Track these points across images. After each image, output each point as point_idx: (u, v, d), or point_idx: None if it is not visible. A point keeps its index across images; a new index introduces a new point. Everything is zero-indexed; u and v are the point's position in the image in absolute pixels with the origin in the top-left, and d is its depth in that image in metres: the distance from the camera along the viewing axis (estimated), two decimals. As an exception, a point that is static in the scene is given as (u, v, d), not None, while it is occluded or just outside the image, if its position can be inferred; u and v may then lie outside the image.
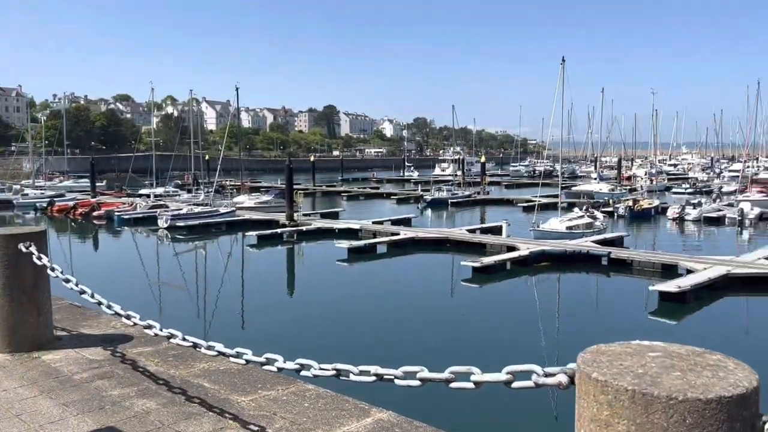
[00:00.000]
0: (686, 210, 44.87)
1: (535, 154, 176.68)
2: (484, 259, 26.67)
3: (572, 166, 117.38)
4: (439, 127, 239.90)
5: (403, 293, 24.62)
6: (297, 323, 20.15)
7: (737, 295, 23.01)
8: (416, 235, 33.81)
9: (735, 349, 17.61)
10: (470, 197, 60.29)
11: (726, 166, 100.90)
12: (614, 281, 26.69)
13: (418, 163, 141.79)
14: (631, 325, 20.40)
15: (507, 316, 21.35)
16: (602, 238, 32.50)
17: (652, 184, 73.50)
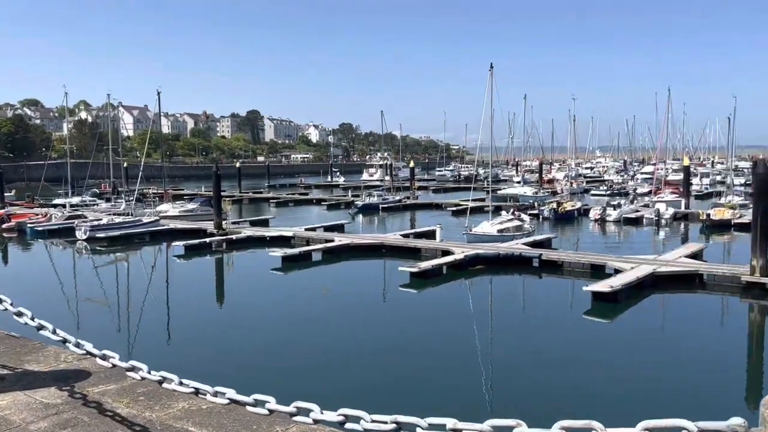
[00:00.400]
0: (607, 211, 46.77)
1: (458, 159, 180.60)
2: (421, 264, 26.65)
3: (495, 170, 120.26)
4: (365, 132, 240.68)
5: (341, 300, 24.24)
6: (232, 337, 19.35)
7: (663, 292, 24.05)
8: (351, 242, 33.45)
9: (663, 345, 18.33)
10: (400, 202, 60.56)
11: (638, 168, 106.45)
12: (547, 282, 27.30)
13: (345, 168, 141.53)
14: (568, 324, 20.91)
15: (448, 320, 21.32)
16: (532, 240, 33.27)
17: (572, 186, 76.42)
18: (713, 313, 22.69)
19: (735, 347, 19.04)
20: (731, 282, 23.77)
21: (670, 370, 16.17)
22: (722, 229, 41.98)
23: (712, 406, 13.83)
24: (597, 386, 14.90)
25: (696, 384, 15.23)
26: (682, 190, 54.42)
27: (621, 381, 15.28)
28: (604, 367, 16.40)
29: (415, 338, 18.98)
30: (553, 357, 17.20)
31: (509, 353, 17.73)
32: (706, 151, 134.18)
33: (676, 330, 20.42)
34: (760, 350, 19.43)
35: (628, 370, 16.07)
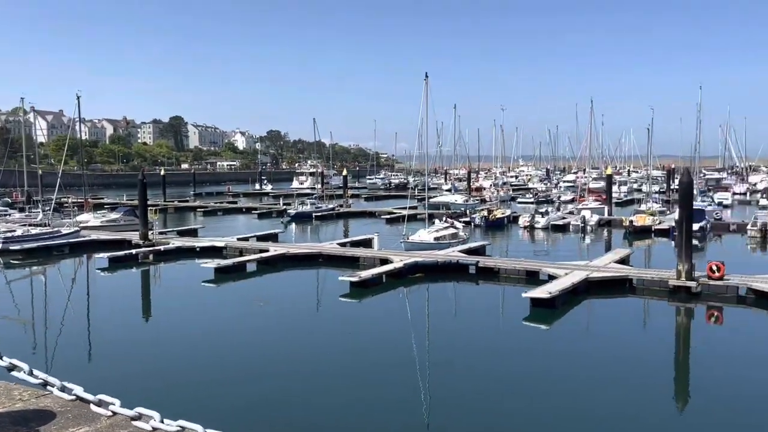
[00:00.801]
0: (536, 218, 48.04)
1: (388, 168, 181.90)
2: (361, 273, 26.32)
3: (424, 178, 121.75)
4: (294, 140, 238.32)
5: (279, 312, 23.53)
6: (160, 354, 18.39)
7: (596, 297, 24.75)
8: (287, 251, 32.71)
9: (599, 348, 18.78)
10: (334, 210, 60.04)
11: (560, 177, 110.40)
12: (485, 289, 27.60)
13: (274, 176, 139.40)
14: (508, 331, 21.13)
15: (389, 330, 21.13)
16: (467, 248, 33.65)
17: (499, 194, 78.28)
18: (644, 316, 23.61)
19: (664, 348, 19.74)
20: (659, 286, 24.77)
21: (606, 374, 16.61)
22: (644, 235, 43.97)
23: (646, 405, 14.31)
24: (539, 394, 15.05)
25: (631, 386, 15.63)
26: (605, 197, 56.69)
27: (561, 388, 15.50)
28: (545, 374, 16.61)
29: (357, 350, 18.62)
30: (495, 365, 17.30)
31: (452, 362, 17.65)
32: (621, 160, 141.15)
33: (610, 333, 21.05)
34: (687, 350, 20.25)
35: (567, 376, 16.35)
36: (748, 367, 17.01)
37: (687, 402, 15.45)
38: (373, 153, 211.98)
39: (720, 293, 23.67)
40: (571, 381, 16.08)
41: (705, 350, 19.32)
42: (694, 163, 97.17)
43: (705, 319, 23.13)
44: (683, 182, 24.97)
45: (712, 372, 16.86)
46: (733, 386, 15.48)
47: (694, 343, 20.70)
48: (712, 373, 16.76)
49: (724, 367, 17.07)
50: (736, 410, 14.00)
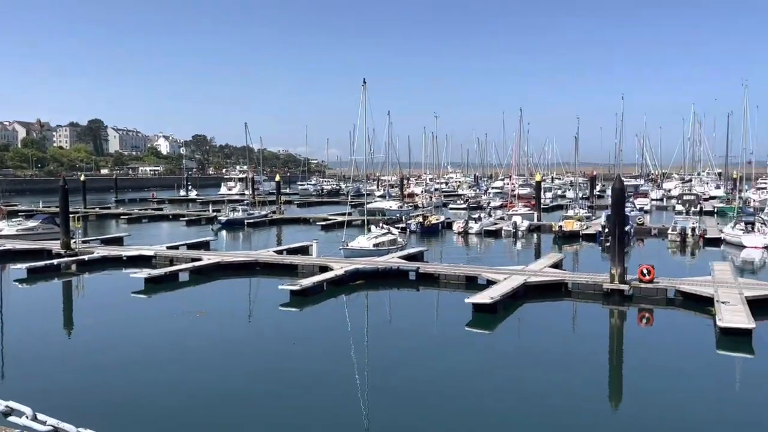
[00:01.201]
0: (469, 224, 48.78)
1: (319, 174, 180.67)
2: (302, 282, 25.76)
3: (357, 184, 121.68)
4: (220, 145, 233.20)
5: (217, 323, 22.64)
6: (90, 367, 17.26)
7: (534, 301, 25.22)
8: (222, 260, 31.64)
9: (539, 351, 19.08)
10: (266, 217, 58.86)
11: (488, 183, 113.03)
12: (426, 295, 27.62)
13: (200, 182, 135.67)
14: (452, 336, 21.13)
15: (332, 338, 20.66)
16: (407, 254, 33.69)
17: (431, 201, 79.21)
18: (580, 319, 24.20)
19: (600, 350, 20.33)
20: (593, 290, 25.52)
21: (547, 376, 16.86)
22: (572, 240, 45.45)
23: (583, 405, 14.76)
24: (481, 398, 15.12)
25: (570, 387, 16.00)
26: (534, 203, 58.33)
27: (504, 391, 15.67)
28: (487, 377, 16.71)
29: (299, 359, 18.11)
30: (439, 370, 17.22)
31: (397, 368, 17.45)
32: (545, 168, 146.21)
33: (549, 337, 21.31)
34: (620, 352, 20.88)
35: (509, 379, 16.57)
36: (678, 366, 17.72)
37: (620, 401, 15.88)
38: (304, 159, 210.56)
39: (651, 296, 24.64)
40: (514, 384, 16.28)
41: (638, 350, 19.91)
42: (616, 170, 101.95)
43: (637, 320, 23.92)
44: (615, 189, 25.89)
45: (645, 371, 17.39)
46: (666, 384, 16.01)
47: (628, 344, 21.36)
48: (645, 373, 17.28)
49: (656, 367, 17.66)
50: (666, 407, 14.48)
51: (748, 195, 79.13)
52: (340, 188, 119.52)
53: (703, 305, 23.15)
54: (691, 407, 14.71)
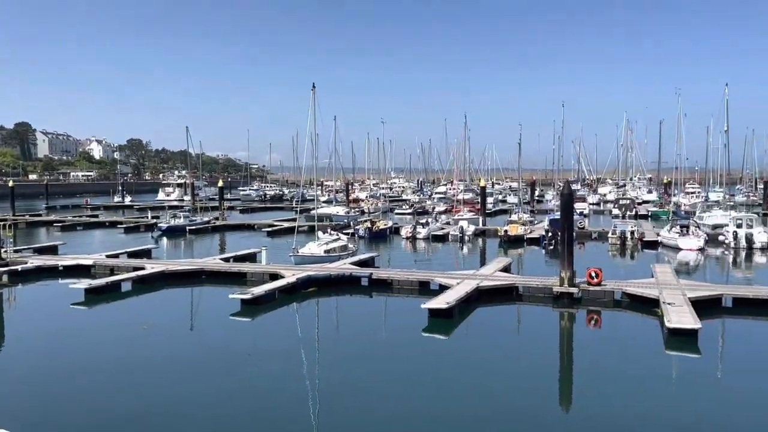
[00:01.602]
0: (417, 229, 48.98)
1: (260, 179, 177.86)
2: (254, 290, 25.09)
3: (301, 190, 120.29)
4: (156, 149, 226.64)
5: (164, 335, 21.73)
6: (31, 384, 16.23)
7: (486, 305, 25.39)
8: (166, 268, 30.50)
9: (495, 355, 19.19)
10: (209, 223, 57.35)
11: (432, 188, 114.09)
12: (380, 300, 27.39)
13: (137, 187, 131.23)
14: (409, 341, 20.97)
15: (287, 346, 20.13)
16: (358, 260, 33.43)
17: (377, 206, 79.22)
18: (532, 322, 24.43)
19: (552, 352, 20.60)
20: (543, 293, 25.97)
21: (502, 379, 17.06)
22: (517, 244, 46.28)
23: (538, 409, 14.96)
24: (442, 404, 15.06)
25: (524, 389, 16.24)
26: (479, 208, 59.15)
27: (463, 397, 15.59)
28: (445, 382, 16.66)
29: (254, 370, 17.57)
30: (397, 377, 17.07)
31: (355, 375, 17.20)
32: (485, 173, 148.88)
33: (504, 341, 21.49)
34: (572, 354, 21.24)
35: (469, 385, 16.51)
36: (628, 366, 18.13)
37: (571, 403, 16.12)
38: (244, 163, 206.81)
39: (598, 298, 25.25)
40: (471, 388, 16.23)
41: (590, 352, 20.29)
42: (555, 175, 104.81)
43: (586, 322, 24.45)
44: (564, 194, 26.46)
45: (597, 373, 17.76)
46: (617, 384, 16.47)
47: (580, 346, 21.68)
48: (597, 374, 17.65)
49: (607, 368, 18.02)
50: (617, 407, 14.89)
51: (679, 199, 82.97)
52: (283, 194, 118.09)
53: (649, 307, 23.89)
54: (641, 407, 15.04)
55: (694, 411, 14.77)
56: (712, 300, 23.79)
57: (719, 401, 15.45)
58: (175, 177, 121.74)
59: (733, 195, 77.70)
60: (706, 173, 79.80)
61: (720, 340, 20.91)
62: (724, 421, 14.20)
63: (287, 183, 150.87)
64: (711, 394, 16.17)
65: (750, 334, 22.20)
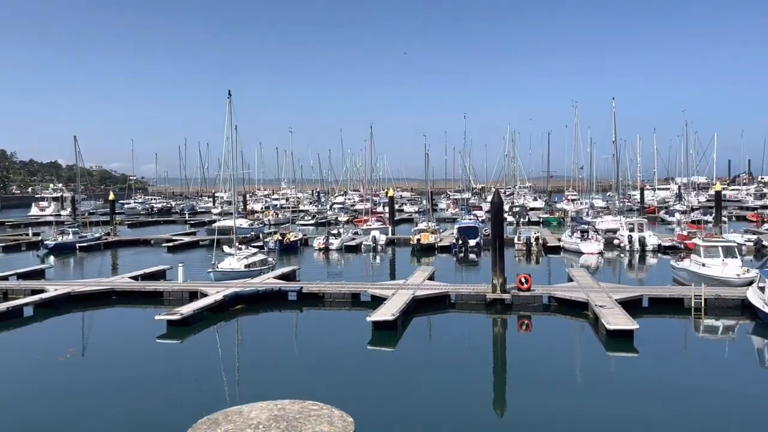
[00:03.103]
0: (330, 240, 48.36)
1: (141, 191, 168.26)
2: (182, 310, 23.39)
3: (190, 202, 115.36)
4: (22, 161, 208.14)
5: (88, 366, 19.67)
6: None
7: (423, 314, 25.36)
8: (72, 290, 27.76)
9: (440, 364, 19.17)
10: (100, 240, 53.18)
11: (331, 198, 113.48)
12: (314, 315, 26.57)
13: (4, 202, 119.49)
14: (355, 355, 20.47)
15: (230, 370, 18.92)
16: (280, 273, 32.34)
17: (278, 217, 77.55)
18: (469, 329, 24.69)
19: (487, 357, 21.05)
20: (476, 300, 26.42)
21: (445, 386, 17.20)
22: (429, 252, 46.98)
23: (474, 411, 15.40)
24: (388, 417, 14.95)
25: (465, 395, 16.60)
26: (388, 218, 59.55)
27: (410, 405, 15.62)
28: (395, 395, 16.50)
29: (201, 397, 16.30)
30: (347, 396, 16.60)
31: (314, 396, 16.44)
32: (377, 183, 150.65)
33: (445, 350, 21.51)
34: (504, 356, 21.74)
35: (417, 393, 16.62)
36: (567, 369, 18.91)
37: (505, 405, 16.54)
38: (121, 175, 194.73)
39: (529, 303, 26.08)
40: (421, 397, 16.29)
41: (528, 356, 20.79)
42: (446, 184, 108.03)
43: (518, 327, 25.15)
44: (494, 202, 27.12)
45: (530, 374, 18.41)
46: (560, 387, 17.07)
47: (517, 351, 22.10)
48: (530, 376, 18.29)
49: (549, 371, 18.55)
50: (547, 405, 15.53)
51: (562, 206, 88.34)
52: (171, 206, 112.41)
53: (578, 310, 24.98)
54: (586, 408, 15.63)
55: (636, 408, 15.25)
56: (634, 301, 25.30)
57: (662, 399, 16.14)
58: (50, 190, 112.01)
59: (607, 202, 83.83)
60: (588, 182, 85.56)
61: (651, 338, 22.16)
62: (668, 417, 14.85)
63: (173, 195, 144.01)
64: (648, 391, 16.75)
65: (673, 332, 23.77)
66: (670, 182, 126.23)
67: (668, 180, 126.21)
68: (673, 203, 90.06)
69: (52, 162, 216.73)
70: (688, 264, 30.01)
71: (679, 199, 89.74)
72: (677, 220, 67.49)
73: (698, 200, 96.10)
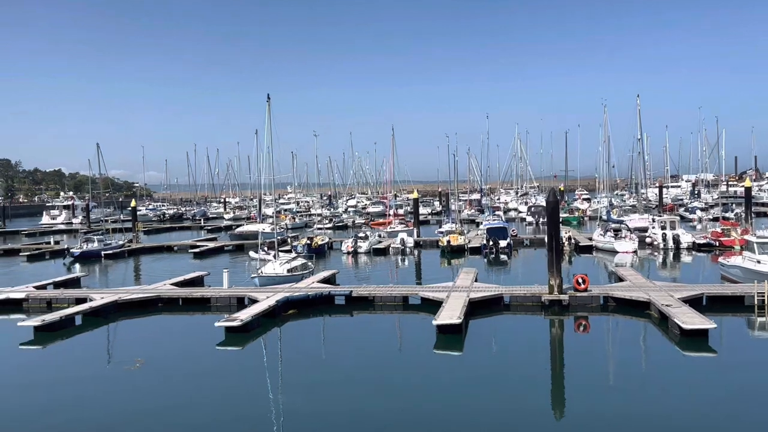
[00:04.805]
0: (358, 243, 47.96)
1: (146, 198, 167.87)
2: (241, 316, 22.96)
3: (202, 208, 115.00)
4: (27, 170, 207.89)
5: (156, 376, 19.18)
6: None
7: (477, 317, 24.84)
8: (119, 298, 27.33)
9: (508, 368, 18.68)
10: (124, 247, 52.78)
11: (344, 202, 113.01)
12: (368, 319, 26.10)
13: (12, 211, 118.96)
14: (421, 359, 20.01)
15: (301, 376, 18.42)
16: (322, 277, 31.95)
17: (295, 221, 77.26)
18: (526, 331, 24.15)
19: (547, 361, 20.42)
20: (532, 301, 25.99)
21: (509, 390, 16.94)
22: (459, 254, 46.58)
23: (539, 410, 15.18)
24: (460, 420, 14.59)
25: (527, 394, 16.42)
26: (413, 220, 59.16)
27: (480, 411, 15.18)
28: (463, 401, 15.98)
29: (276, 403, 15.90)
30: (424, 398, 16.23)
31: (381, 403, 15.96)
32: (383, 186, 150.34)
33: (502, 351, 21.11)
34: (563, 358, 21.23)
35: (482, 395, 16.30)
36: (625, 368, 18.62)
37: (579, 405, 15.99)
38: (124, 182, 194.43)
39: (586, 303, 25.65)
40: (490, 402, 15.90)
41: (584, 357, 20.28)
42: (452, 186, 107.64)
43: (575, 328, 24.68)
44: (550, 202, 26.71)
45: (598, 376, 17.97)
46: (619, 387, 16.87)
47: (574, 351, 21.45)
48: (598, 377, 17.87)
49: (606, 370, 18.37)
50: (619, 407, 15.25)
51: (576, 205, 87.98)
52: (183, 212, 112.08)
53: (639, 310, 24.55)
54: (666, 410, 15.18)
55: (723, 411, 14.83)
56: (694, 300, 24.85)
57: (748, 401, 15.45)
58: (60, 199, 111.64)
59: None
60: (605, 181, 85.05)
61: (722, 338, 21.66)
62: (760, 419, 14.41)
63: (181, 201, 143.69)
64: (736, 393, 16.11)
65: (741, 330, 23.27)
66: (678, 179, 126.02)
67: (676, 177, 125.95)
68: (690, 200, 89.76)
69: (56, 170, 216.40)
70: (740, 261, 29.57)
71: (697, 196, 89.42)
72: (698, 218, 67.18)
73: (711, 197, 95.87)
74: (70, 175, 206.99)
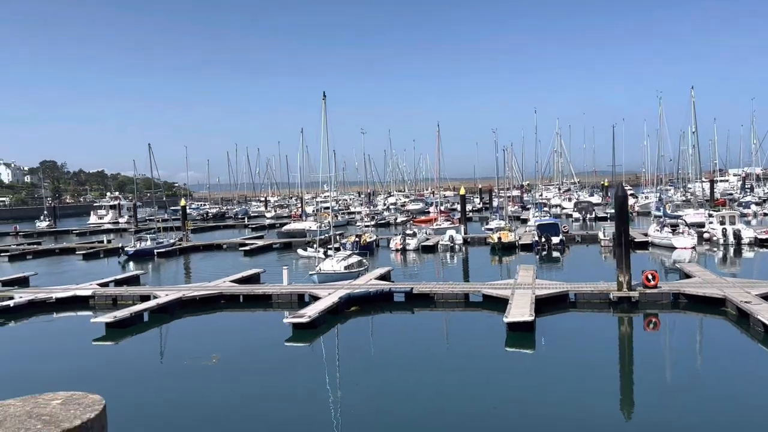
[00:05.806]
0: (407, 240, 47.76)
1: (187, 197, 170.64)
2: (308, 312, 23.02)
3: (243, 207, 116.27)
4: (73, 171, 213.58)
5: (229, 371, 19.27)
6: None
7: (543, 315, 24.33)
8: (183, 295, 27.67)
9: (574, 366, 18.19)
10: (175, 245, 53.61)
11: (385, 200, 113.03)
12: (431, 316, 25.89)
13: (61, 211, 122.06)
14: (495, 359, 19.70)
15: (372, 371, 18.36)
16: (378, 274, 31.85)
17: (337, 219, 77.42)
18: (596, 329, 23.68)
19: (615, 357, 20.04)
20: (599, 299, 25.40)
21: (583, 386, 16.54)
22: (510, 251, 45.98)
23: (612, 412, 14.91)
24: (532, 419, 14.41)
25: (600, 393, 16.16)
26: (459, 217, 58.68)
27: (554, 408, 14.90)
28: (538, 400, 15.66)
29: (351, 400, 15.74)
30: (497, 395, 15.95)
31: (457, 400, 15.69)
32: (418, 183, 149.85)
33: (571, 349, 20.57)
34: (631, 356, 20.64)
35: (552, 393, 16.01)
36: (705, 366, 18.26)
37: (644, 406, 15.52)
38: (163, 182, 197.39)
39: (657, 300, 24.96)
40: (558, 397, 15.62)
41: (656, 358, 19.75)
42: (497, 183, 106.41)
43: (645, 326, 24.03)
44: (619, 197, 26.08)
45: (675, 374, 17.59)
46: (700, 385, 16.47)
47: (647, 350, 20.92)
48: (676, 375, 17.47)
49: (683, 368, 17.93)
50: (702, 405, 15.04)
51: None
52: (225, 211, 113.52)
53: (713, 307, 23.77)
54: (706, 406, 14.87)
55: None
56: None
57: None
58: (107, 199, 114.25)
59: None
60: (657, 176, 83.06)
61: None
62: None
63: (222, 200, 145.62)
64: None
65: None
66: (725, 174, 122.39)
67: (722, 171, 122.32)
68: (741, 195, 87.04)
69: (99, 171, 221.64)
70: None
71: (750, 191, 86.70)
72: (753, 212, 65.11)
73: (762, 191, 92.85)
74: (112, 175, 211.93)
